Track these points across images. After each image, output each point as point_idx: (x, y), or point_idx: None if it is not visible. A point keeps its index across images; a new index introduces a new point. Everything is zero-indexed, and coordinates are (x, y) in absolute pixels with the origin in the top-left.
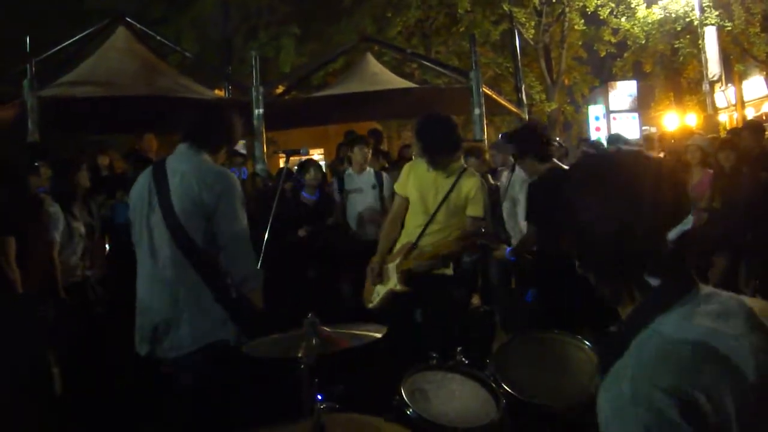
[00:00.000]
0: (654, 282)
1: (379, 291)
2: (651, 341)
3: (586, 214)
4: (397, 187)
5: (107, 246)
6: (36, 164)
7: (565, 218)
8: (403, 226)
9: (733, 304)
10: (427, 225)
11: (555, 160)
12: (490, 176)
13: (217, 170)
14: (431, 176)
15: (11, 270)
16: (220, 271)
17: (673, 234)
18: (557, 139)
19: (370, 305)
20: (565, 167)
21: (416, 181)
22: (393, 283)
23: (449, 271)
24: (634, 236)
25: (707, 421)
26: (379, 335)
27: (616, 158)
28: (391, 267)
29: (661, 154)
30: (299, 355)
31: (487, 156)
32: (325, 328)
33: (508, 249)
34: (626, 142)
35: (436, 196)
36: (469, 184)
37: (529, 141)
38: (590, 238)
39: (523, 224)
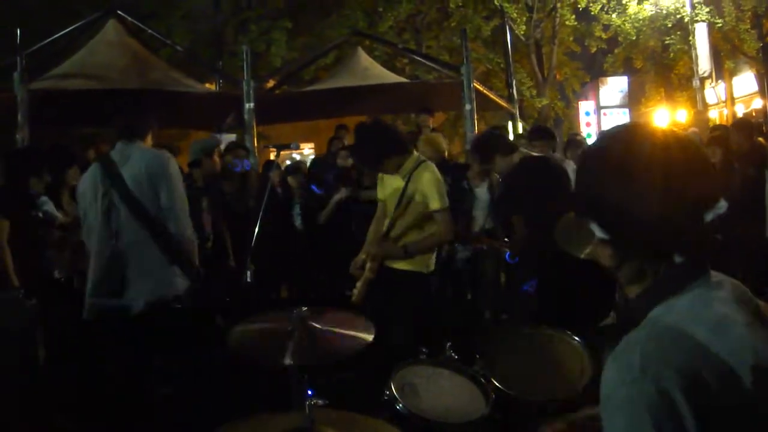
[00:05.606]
0: (678, 259)
1: (358, 285)
2: (665, 319)
3: (628, 191)
4: (378, 192)
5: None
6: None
7: (596, 198)
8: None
9: (742, 292)
10: (390, 228)
11: (522, 149)
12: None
13: (154, 153)
14: (391, 179)
15: (3, 251)
16: (171, 235)
17: (709, 216)
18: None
19: (353, 299)
20: (534, 154)
21: (385, 186)
22: (366, 270)
23: (425, 270)
24: (678, 213)
25: (716, 403)
26: (370, 337)
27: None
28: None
29: None
30: (288, 361)
31: None
32: (315, 324)
33: (508, 254)
34: None
35: (395, 198)
36: (420, 179)
37: (486, 144)
38: (630, 215)
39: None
